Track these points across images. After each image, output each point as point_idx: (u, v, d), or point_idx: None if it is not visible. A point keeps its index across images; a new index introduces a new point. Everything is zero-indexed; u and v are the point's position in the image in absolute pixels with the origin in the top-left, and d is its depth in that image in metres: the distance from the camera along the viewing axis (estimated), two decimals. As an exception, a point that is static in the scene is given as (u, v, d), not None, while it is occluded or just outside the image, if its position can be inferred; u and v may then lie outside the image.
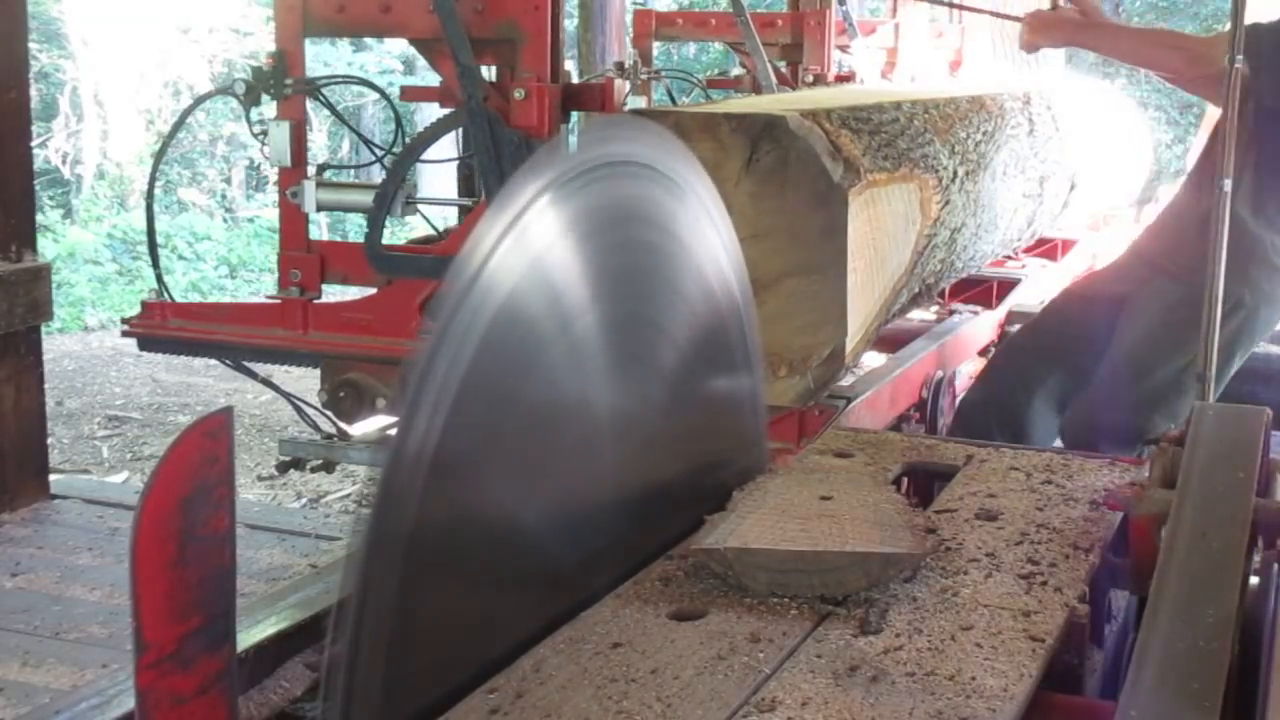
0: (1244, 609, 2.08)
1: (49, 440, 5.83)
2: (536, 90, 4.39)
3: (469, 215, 4.77)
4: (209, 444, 1.82)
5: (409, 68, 19.38)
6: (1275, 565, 2.21)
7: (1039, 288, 6.37)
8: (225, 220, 19.36)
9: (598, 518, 2.30)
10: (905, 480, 3.04)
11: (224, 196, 20.15)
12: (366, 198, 4.77)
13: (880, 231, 3.66)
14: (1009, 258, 6.48)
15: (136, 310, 5.30)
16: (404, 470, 1.84)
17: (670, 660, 2.05)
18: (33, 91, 7.10)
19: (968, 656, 2.06)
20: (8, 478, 5.47)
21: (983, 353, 6.00)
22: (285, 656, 3.85)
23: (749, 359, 2.73)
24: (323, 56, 18.24)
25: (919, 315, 5.73)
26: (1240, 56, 3.61)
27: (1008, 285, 6.32)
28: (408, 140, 4.98)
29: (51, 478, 5.77)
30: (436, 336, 1.88)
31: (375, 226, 4.69)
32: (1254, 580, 2.22)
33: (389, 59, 19.35)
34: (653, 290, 2.41)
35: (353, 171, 6.97)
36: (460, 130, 4.99)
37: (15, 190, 5.36)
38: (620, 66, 6.73)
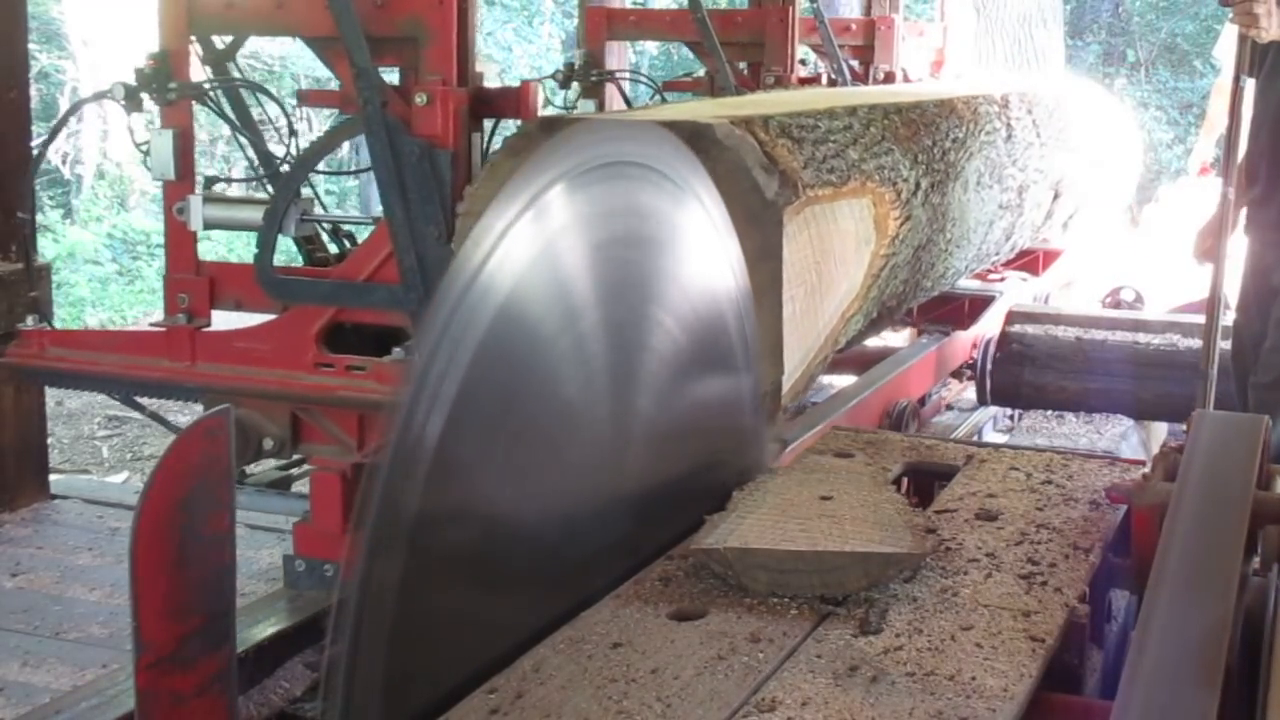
0: (1244, 601, 2.08)
1: (49, 440, 5.83)
2: (441, 95, 3.89)
3: (370, 236, 4.19)
4: (208, 444, 1.83)
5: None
6: (1275, 562, 2.21)
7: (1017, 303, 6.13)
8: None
9: (597, 516, 2.30)
10: (905, 480, 3.04)
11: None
12: (259, 214, 4.27)
13: (825, 254, 3.25)
14: (989, 272, 6.27)
15: (16, 342, 4.68)
16: (403, 467, 1.84)
17: (670, 660, 2.05)
18: (33, 91, 7.08)
19: (968, 656, 2.06)
20: (8, 478, 5.47)
21: (955, 374, 5.86)
22: (285, 657, 3.86)
23: (748, 358, 2.73)
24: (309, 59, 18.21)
25: (889, 334, 5.59)
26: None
27: (981, 303, 6.05)
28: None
29: (51, 478, 5.76)
30: (437, 332, 1.88)
31: (265, 247, 4.17)
32: (1254, 571, 2.21)
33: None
34: (655, 287, 2.41)
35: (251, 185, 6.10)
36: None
37: (15, 190, 5.35)
38: (570, 68, 6.43)
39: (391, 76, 4.29)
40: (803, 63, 7.79)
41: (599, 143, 2.29)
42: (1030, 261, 6.77)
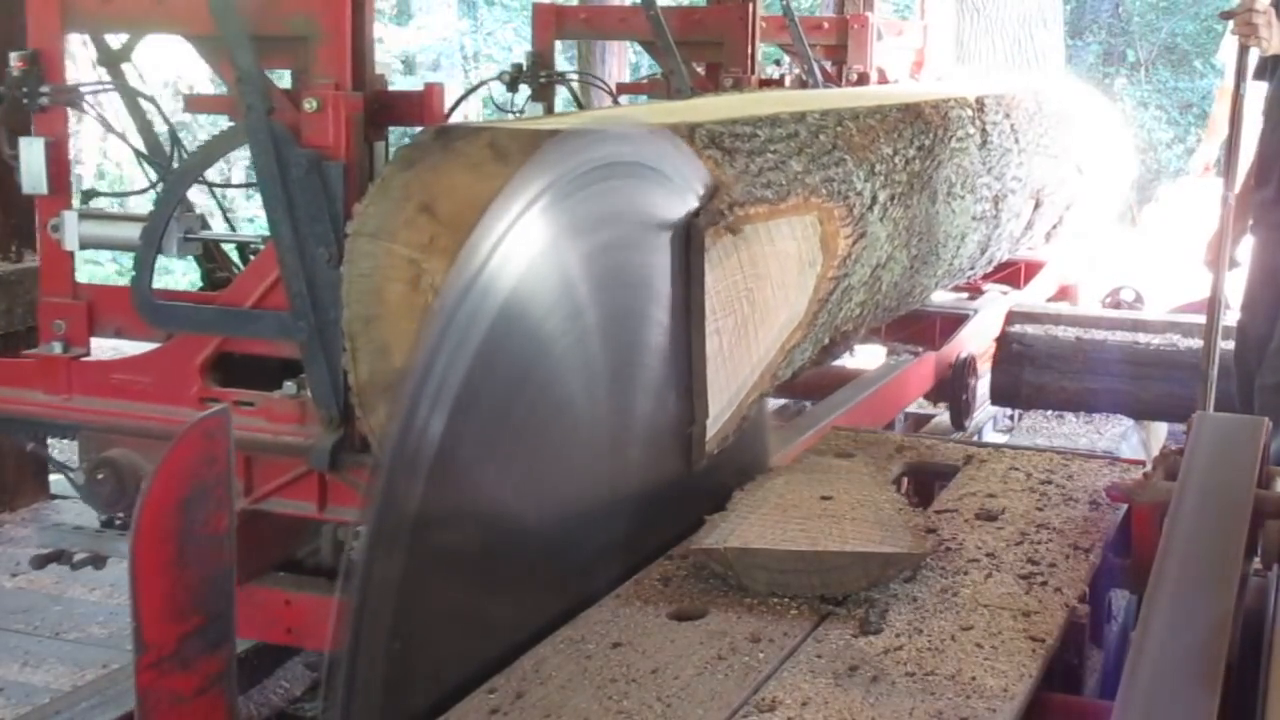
0: (1244, 601, 2.08)
1: (49, 440, 5.83)
2: (332, 100, 3.43)
3: (257, 258, 3.76)
4: (207, 445, 1.83)
5: (409, 67, 19.35)
6: (1276, 561, 2.21)
7: (994, 320, 5.85)
8: (226, 221, 19.34)
9: (597, 515, 2.30)
10: (905, 480, 3.04)
11: (224, 195, 20.12)
12: (138, 232, 3.80)
13: (759, 279, 2.85)
14: (966, 286, 6.04)
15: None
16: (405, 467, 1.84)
17: (670, 660, 2.05)
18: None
19: (968, 656, 2.06)
20: (8, 478, 5.47)
21: (929, 396, 5.66)
22: (285, 657, 3.85)
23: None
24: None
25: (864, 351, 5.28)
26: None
27: (954, 321, 5.73)
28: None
29: (51, 477, 5.77)
30: (437, 331, 1.88)
31: (143, 268, 3.69)
32: (1255, 571, 2.22)
33: (389, 58, 19.30)
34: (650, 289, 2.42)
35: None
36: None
37: (15, 190, 5.35)
38: (518, 69, 6.03)
39: (294, 80, 3.90)
40: (777, 63, 7.62)
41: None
42: (1012, 274, 6.55)
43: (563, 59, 15.45)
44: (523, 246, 2.12)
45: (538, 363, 2.15)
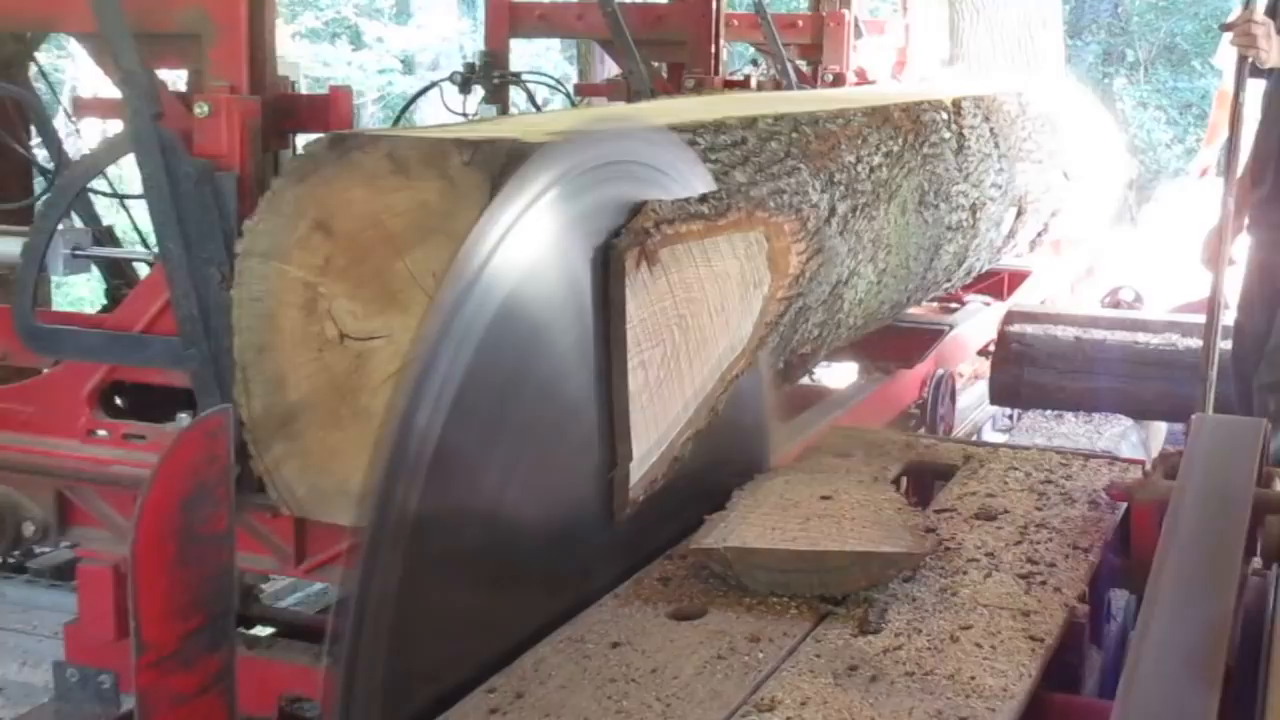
0: (1244, 600, 2.08)
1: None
2: (226, 104, 3.10)
3: (147, 278, 3.35)
4: (208, 443, 1.83)
5: (408, 67, 19.32)
6: (1276, 560, 2.21)
7: (973, 334, 5.70)
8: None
9: (595, 514, 2.30)
10: (904, 480, 3.04)
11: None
12: (19, 248, 3.39)
13: (694, 304, 2.56)
14: (948, 298, 5.84)
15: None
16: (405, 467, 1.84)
17: (670, 660, 2.05)
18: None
19: (967, 656, 2.06)
20: (7, 478, 5.44)
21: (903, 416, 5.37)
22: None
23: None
24: (321, 56, 18.19)
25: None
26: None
27: (930, 336, 5.37)
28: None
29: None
30: (439, 329, 1.88)
31: (24, 289, 3.30)
32: (1254, 571, 2.22)
33: (388, 57, 19.28)
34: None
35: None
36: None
37: (15, 190, 5.31)
38: (471, 68, 5.83)
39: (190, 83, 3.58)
40: (754, 63, 7.41)
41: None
42: (994, 284, 6.31)
43: (563, 59, 15.44)
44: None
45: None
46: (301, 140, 3.24)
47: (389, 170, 2.27)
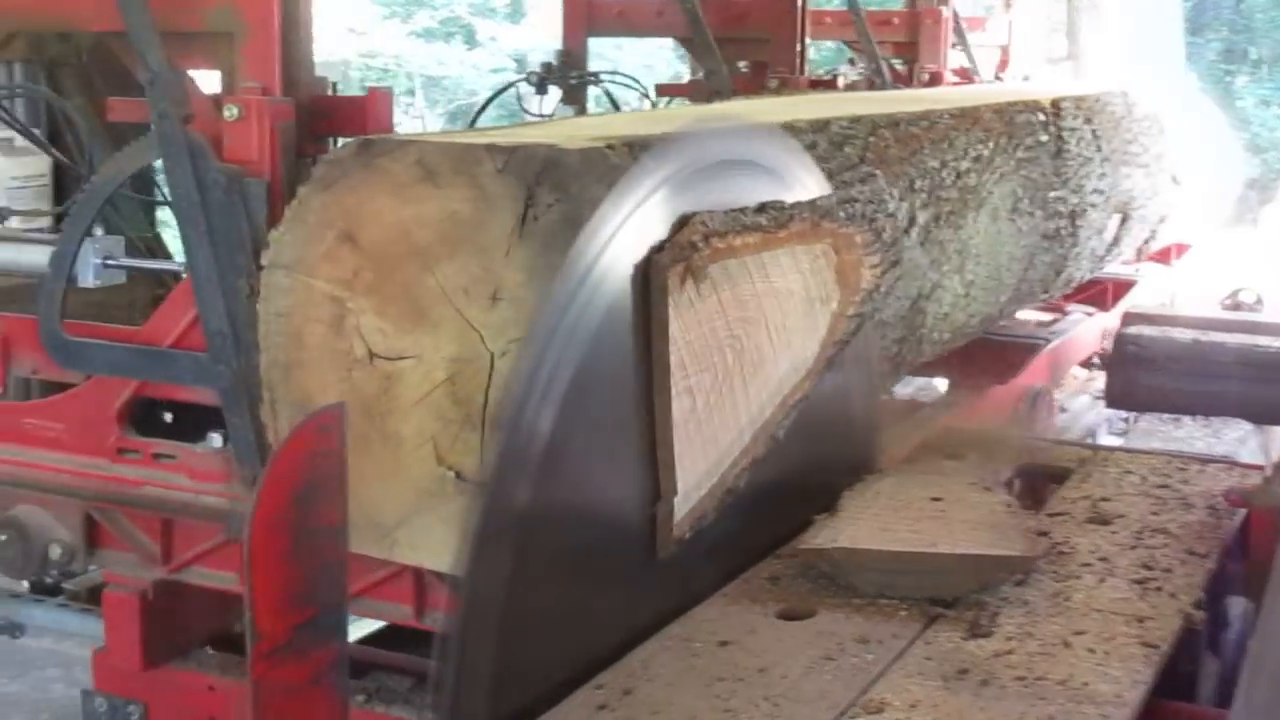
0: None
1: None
2: (256, 107, 2.93)
3: (175, 290, 3.17)
4: (321, 438, 1.85)
5: (522, 66, 19.39)
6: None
7: (1074, 348, 5.44)
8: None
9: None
10: (1017, 482, 3.01)
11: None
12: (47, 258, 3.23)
13: (749, 323, 2.35)
14: (1048, 307, 5.56)
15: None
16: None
17: (778, 660, 2.04)
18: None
19: (1080, 662, 2.04)
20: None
21: None
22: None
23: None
24: (437, 55, 18.32)
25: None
26: None
27: (1025, 350, 5.09)
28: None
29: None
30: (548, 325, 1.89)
31: (51, 300, 3.14)
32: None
33: (502, 56, 19.37)
34: None
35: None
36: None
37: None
38: (548, 68, 5.71)
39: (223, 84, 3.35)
40: (851, 62, 7.19)
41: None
42: (1098, 293, 6.01)
43: (674, 57, 15.42)
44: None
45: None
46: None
47: (417, 178, 2.19)
